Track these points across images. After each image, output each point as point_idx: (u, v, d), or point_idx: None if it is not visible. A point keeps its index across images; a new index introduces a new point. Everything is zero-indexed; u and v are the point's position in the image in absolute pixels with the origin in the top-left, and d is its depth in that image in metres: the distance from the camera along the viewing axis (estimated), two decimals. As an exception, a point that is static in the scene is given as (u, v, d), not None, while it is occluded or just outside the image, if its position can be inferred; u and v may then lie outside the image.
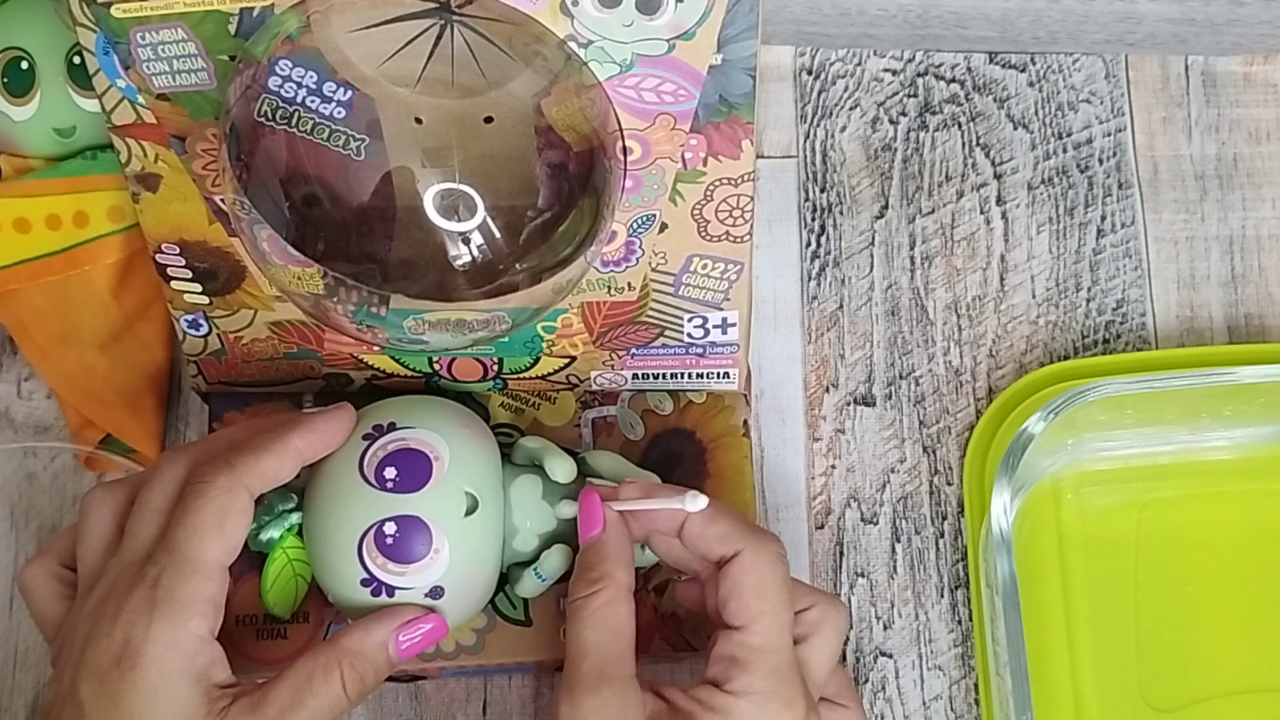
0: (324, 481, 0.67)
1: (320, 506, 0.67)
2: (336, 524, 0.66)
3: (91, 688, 0.60)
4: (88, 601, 0.63)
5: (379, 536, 0.65)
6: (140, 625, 0.60)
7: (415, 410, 0.69)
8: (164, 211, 0.70)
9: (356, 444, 0.67)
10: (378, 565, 0.65)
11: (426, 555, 0.65)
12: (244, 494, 0.63)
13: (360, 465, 0.66)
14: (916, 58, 0.87)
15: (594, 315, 0.73)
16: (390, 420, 0.67)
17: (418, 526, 0.65)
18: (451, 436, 0.67)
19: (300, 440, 0.66)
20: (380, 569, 0.65)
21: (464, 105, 0.64)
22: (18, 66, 0.75)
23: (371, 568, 0.65)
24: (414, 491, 0.65)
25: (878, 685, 0.79)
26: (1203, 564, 0.79)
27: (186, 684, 0.60)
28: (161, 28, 0.61)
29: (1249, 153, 0.86)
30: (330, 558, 0.66)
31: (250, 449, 0.64)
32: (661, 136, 0.65)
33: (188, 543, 0.62)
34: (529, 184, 0.66)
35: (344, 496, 0.66)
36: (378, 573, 0.65)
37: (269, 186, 0.64)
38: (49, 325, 0.78)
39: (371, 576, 0.65)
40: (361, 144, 0.63)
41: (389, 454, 0.66)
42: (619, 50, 0.61)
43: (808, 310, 0.84)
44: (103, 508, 0.66)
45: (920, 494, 0.81)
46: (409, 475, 0.66)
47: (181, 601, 0.61)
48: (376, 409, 0.69)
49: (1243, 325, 0.84)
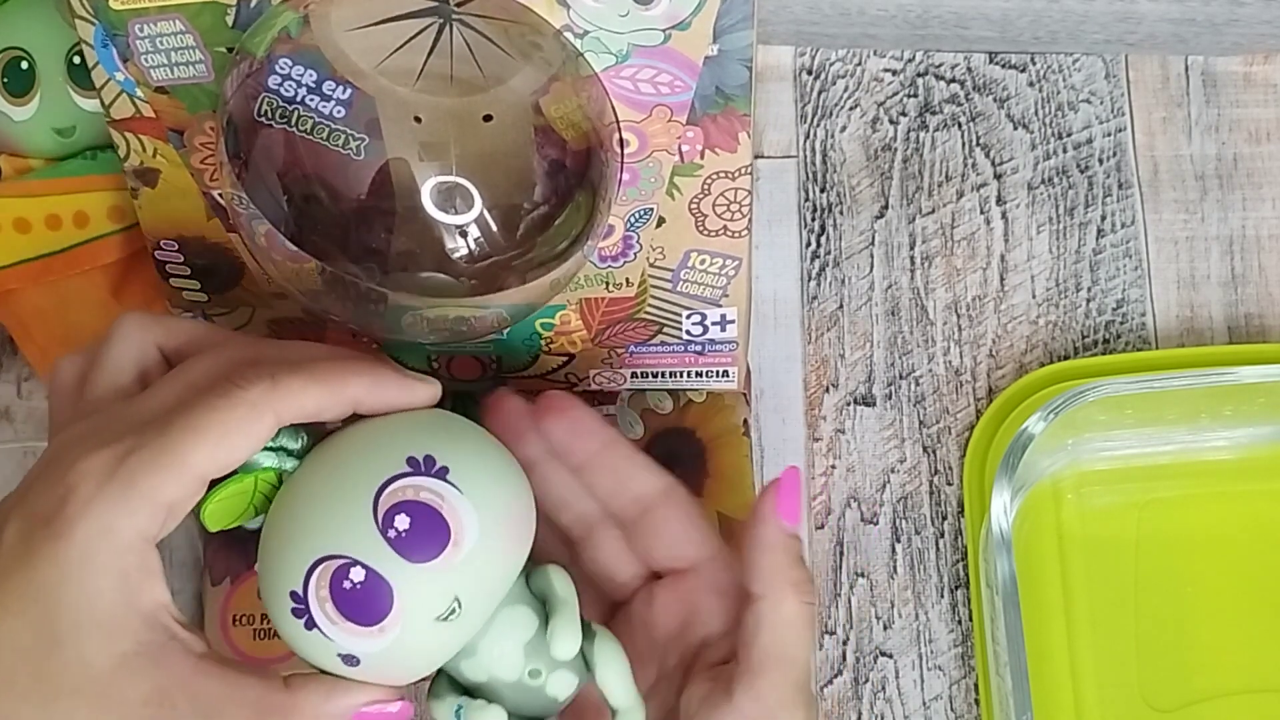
0: (330, 469, 0.57)
1: (310, 490, 0.57)
2: (308, 528, 0.56)
3: (16, 532, 0.54)
4: (70, 431, 0.57)
5: (340, 572, 0.54)
6: (85, 489, 0.53)
7: (482, 466, 0.58)
8: (163, 207, 0.70)
9: (391, 459, 0.56)
10: (319, 599, 0.54)
11: (372, 626, 0.55)
12: (269, 417, 0.55)
13: (377, 492, 0.55)
14: (916, 58, 0.87)
15: (592, 312, 0.73)
16: (444, 465, 0.56)
17: (384, 594, 0.54)
18: (490, 526, 0.56)
19: (363, 391, 0.58)
20: (319, 604, 0.55)
21: (463, 103, 0.64)
22: (18, 66, 0.75)
23: (312, 598, 0.55)
24: (407, 558, 0.55)
25: (878, 685, 0.79)
26: (1203, 564, 0.79)
27: (108, 579, 0.53)
28: (159, 19, 0.61)
29: (1249, 153, 0.86)
30: (280, 551, 0.56)
31: (302, 374, 0.56)
32: (658, 129, 0.64)
33: (181, 436, 0.54)
34: (526, 179, 0.66)
35: (338, 507, 0.56)
36: (315, 606, 0.55)
37: (267, 181, 0.64)
38: (49, 325, 0.78)
39: (305, 607, 0.55)
40: (361, 143, 0.63)
41: (414, 503, 0.55)
42: (615, 41, 0.61)
43: (808, 310, 0.84)
44: (133, 345, 0.59)
45: (920, 494, 0.81)
46: (416, 542, 0.55)
47: (139, 490, 0.53)
48: (443, 427, 0.59)
49: (1243, 325, 0.84)
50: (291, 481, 0.58)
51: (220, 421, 0.54)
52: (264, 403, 0.55)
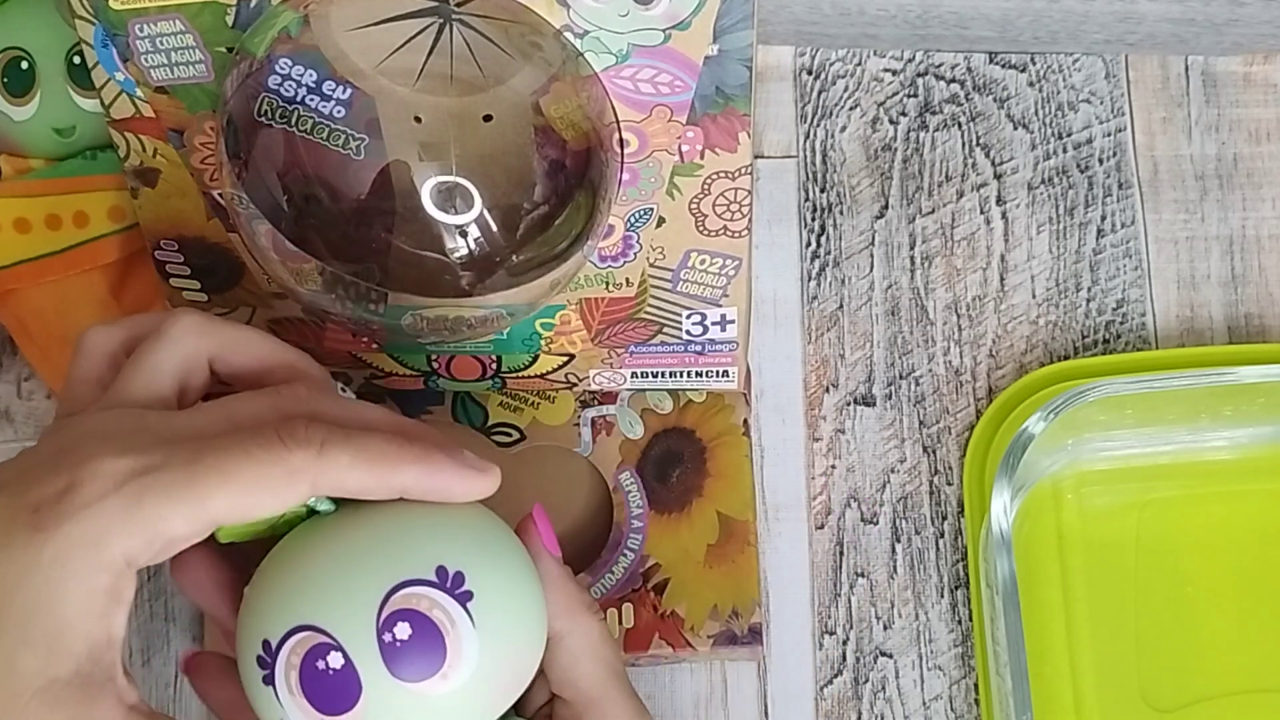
0: (358, 539, 0.54)
1: (328, 551, 0.54)
2: (308, 590, 0.53)
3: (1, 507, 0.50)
4: (89, 421, 0.54)
5: (319, 650, 0.52)
6: (89, 491, 0.50)
7: (506, 606, 0.54)
8: (162, 207, 0.70)
9: (421, 560, 0.53)
10: (287, 664, 0.52)
11: (326, 716, 0.52)
12: (304, 487, 0.52)
13: (393, 589, 0.52)
14: (916, 58, 0.87)
15: (592, 312, 0.73)
16: (470, 590, 0.53)
17: (352, 692, 0.52)
18: (486, 671, 0.53)
19: (413, 480, 0.54)
20: (285, 669, 0.52)
21: (463, 103, 0.64)
22: (18, 66, 0.75)
23: (282, 660, 0.52)
24: (390, 668, 0.52)
25: (878, 685, 0.79)
26: (1203, 564, 0.79)
27: (74, 591, 0.49)
28: (159, 19, 0.61)
29: (1249, 153, 0.86)
30: (271, 595, 0.53)
31: (351, 449, 0.53)
32: (658, 129, 0.65)
33: (207, 475, 0.50)
34: (526, 179, 0.66)
35: (347, 585, 0.52)
36: (280, 669, 0.52)
37: (267, 181, 0.65)
38: (49, 325, 0.78)
39: (271, 664, 0.52)
40: (361, 143, 0.63)
41: (422, 617, 0.52)
42: (615, 40, 0.61)
43: (808, 310, 0.84)
44: (182, 351, 0.56)
45: (920, 494, 0.81)
46: (406, 656, 0.52)
47: (145, 513, 0.50)
48: (486, 545, 0.55)
49: (1243, 325, 0.84)
50: (318, 527, 0.55)
51: (252, 474, 0.51)
52: (304, 471, 0.52)
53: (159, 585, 0.79)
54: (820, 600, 0.80)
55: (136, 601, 0.75)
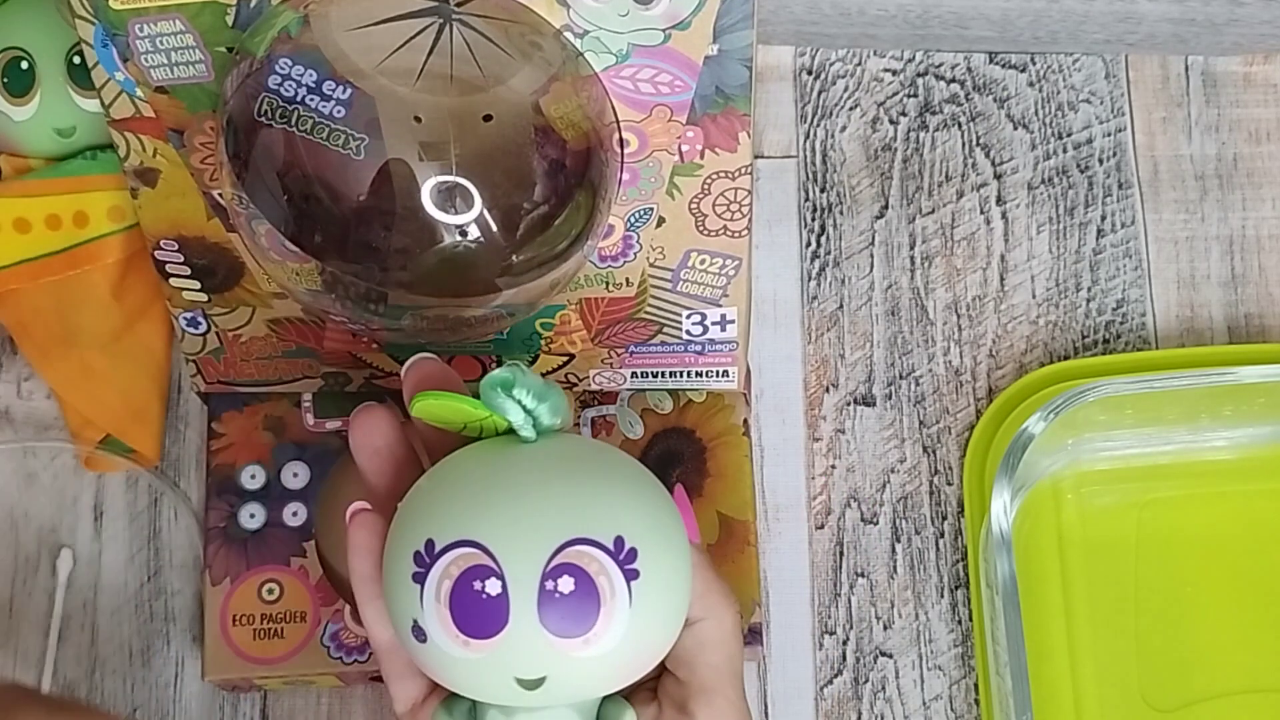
0: (552, 478, 0.55)
1: (523, 478, 0.54)
2: (490, 510, 0.53)
3: None
4: None
5: (479, 571, 0.52)
6: None
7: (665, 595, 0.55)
8: (163, 207, 0.70)
9: (608, 520, 0.53)
10: (443, 573, 0.53)
11: (462, 635, 0.52)
12: None
13: (570, 541, 0.53)
14: (916, 58, 0.87)
15: (592, 312, 0.73)
16: (638, 569, 0.53)
17: (495, 622, 0.52)
18: (623, 649, 0.54)
19: None
20: (438, 579, 0.53)
21: (463, 103, 0.64)
22: (18, 66, 0.75)
23: (439, 569, 0.53)
24: (540, 614, 0.52)
25: (878, 685, 0.79)
26: (1203, 564, 0.79)
27: None
28: (160, 19, 0.62)
29: (1249, 153, 0.86)
30: (448, 501, 0.54)
31: None
32: (658, 128, 0.65)
33: None
34: (526, 179, 0.66)
35: (530, 516, 0.53)
36: (434, 577, 0.53)
37: (267, 181, 0.64)
38: (49, 325, 0.78)
39: (426, 570, 0.53)
40: (361, 143, 0.63)
41: (588, 579, 0.52)
42: (615, 40, 0.61)
43: (808, 310, 0.84)
44: None
45: (920, 494, 0.81)
46: (558, 611, 0.52)
47: None
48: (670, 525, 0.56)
49: (1243, 325, 0.84)
50: (514, 450, 0.55)
51: None
52: None
53: (159, 585, 0.79)
54: (820, 600, 0.80)
55: (136, 601, 0.75)
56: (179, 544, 0.80)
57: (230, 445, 0.78)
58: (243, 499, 0.77)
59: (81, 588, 0.79)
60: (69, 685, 0.78)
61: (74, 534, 0.80)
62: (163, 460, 0.81)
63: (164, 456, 0.81)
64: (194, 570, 0.79)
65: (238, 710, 0.78)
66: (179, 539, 0.80)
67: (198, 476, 0.81)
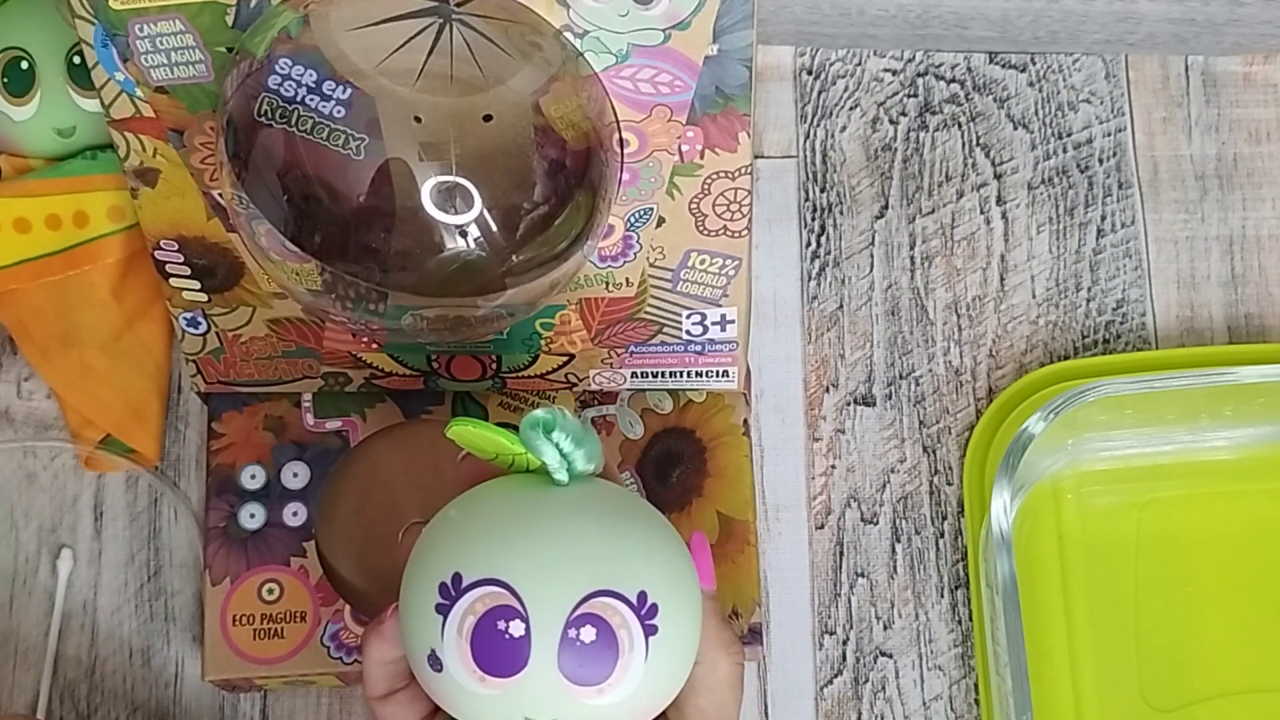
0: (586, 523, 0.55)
1: (550, 523, 0.55)
2: (523, 544, 0.54)
3: None
4: None
5: (503, 612, 0.53)
6: None
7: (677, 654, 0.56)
8: (163, 207, 0.70)
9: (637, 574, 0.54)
10: (468, 609, 0.53)
11: (478, 671, 0.53)
12: None
13: (598, 592, 0.53)
14: (916, 58, 0.87)
15: (592, 312, 0.73)
16: (657, 625, 0.54)
17: (515, 663, 0.53)
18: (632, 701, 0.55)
19: None
20: (462, 614, 0.53)
21: (463, 103, 0.64)
22: (18, 66, 0.76)
23: (464, 604, 0.53)
24: (558, 661, 0.53)
25: (878, 685, 0.79)
26: (1203, 564, 0.79)
27: None
28: (159, 19, 0.62)
29: (1249, 153, 0.86)
30: (481, 535, 0.55)
31: None
32: (658, 128, 0.65)
33: None
34: (526, 179, 0.66)
35: (560, 556, 0.54)
36: (458, 611, 0.53)
37: (267, 181, 0.64)
38: (49, 325, 0.78)
39: (451, 602, 0.54)
40: (361, 143, 0.63)
41: (609, 631, 0.53)
42: (615, 40, 0.61)
43: (808, 310, 0.84)
44: None
45: (920, 494, 0.81)
46: (575, 660, 0.53)
47: None
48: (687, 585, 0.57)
49: (1243, 325, 0.84)
50: (546, 492, 0.56)
51: None
52: None
53: (159, 585, 0.79)
54: (820, 600, 0.80)
55: (136, 601, 0.75)
56: (179, 544, 0.80)
57: (230, 445, 0.78)
58: (243, 499, 0.77)
59: (81, 588, 0.79)
60: (69, 685, 0.78)
61: (74, 534, 0.80)
62: (163, 460, 0.81)
63: (164, 456, 0.81)
64: (194, 570, 0.79)
65: (238, 710, 0.78)
66: (179, 539, 0.80)
67: (198, 476, 0.81)
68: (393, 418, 0.78)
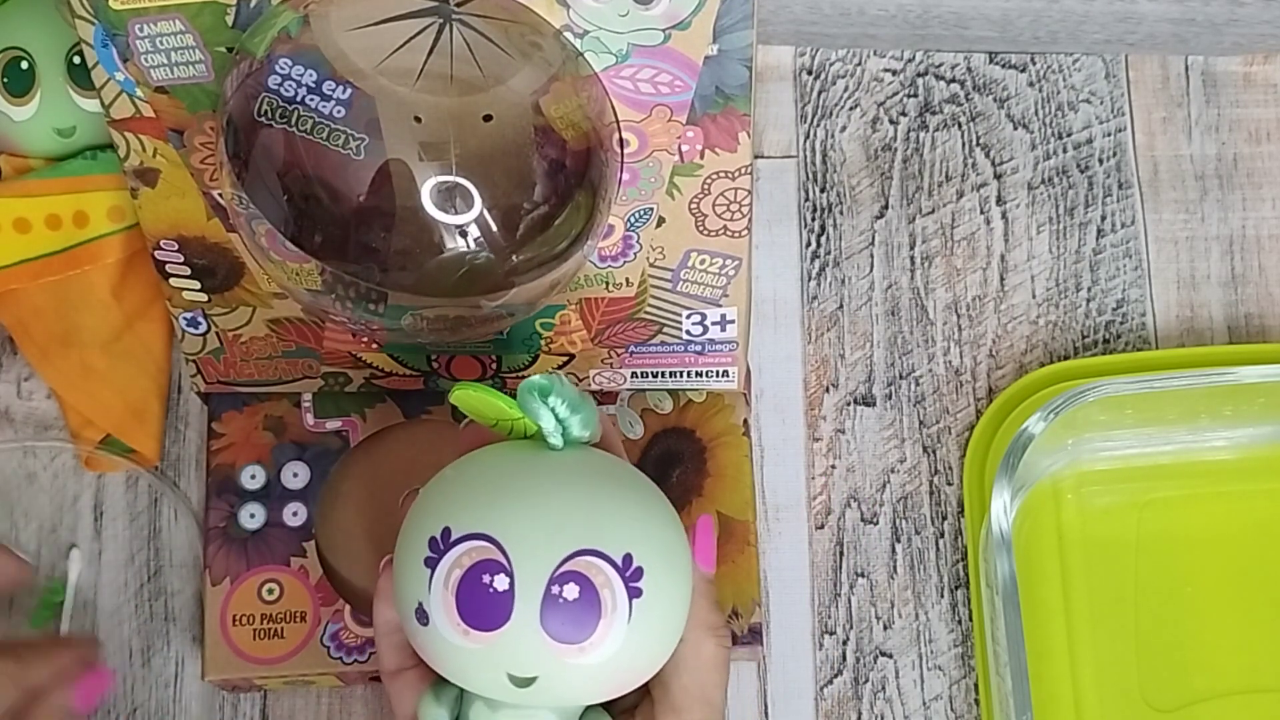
0: (576, 480, 0.57)
1: (544, 482, 0.56)
2: (511, 504, 0.55)
3: None
4: None
5: (489, 565, 0.54)
6: None
7: (665, 616, 0.57)
8: (163, 207, 0.70)
9: (621, 535, 0.55)
10: (454, 563, 0.55)
11: (463, 624, 0.54)
12: None
13: (581, 550, 0.54)
14: (916, 58, 0.87)
15: (592, 312, 0.73)
16: (641, 587, 0.55)
17: (498, 616, 0.54)
18: (614, 663, 0.56)
19: None
20: (449, 567, 0.55)
21: (463, 103, 0.64)
22: (18, 66, 0.75)
23: (451, 558, 0.55)
24: (541, 618, 0.54)
25: (878, 685, 0.79)
26: (1203, 564, 0.79)
27: None
28: (159, 19, 0.62)
29: (1249, 153, 0.86)
30: (468, 493, 0.56)
31: None
32: (658, 128, 0.65)
33: None
34: (526, 179, 0.66)
35: (546, 514, 0.55)
36: (445, 565, 0.55)
37: (267, 181, 0.64)
38: (49, 325, 0.78)
39: (438, 556, 0.55)
40: (361, 143, 0.63)
41: (593, 590, 0.54)
42: (615, 40, 0.61)
43: (808, 310, 0.84)
44: None
45: (920, 494, 0.81)
46: (558, 617, 0.54)
47: None
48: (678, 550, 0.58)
49: (1243, 325, 0.84)
50: (539, 455, 0.58)
51: None
52: None
53: (159, 585, 0.79)
54: (820, 600, 0.80)
55: (136, 601, 0.75)
56: (179, 544, 0.80)
57: (230, 445, 0.78)
58: (243, 499, 0.77)
59: (81, 588, 0.79)
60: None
61: (74, 534, 0.80)
62: (163, 460, 0.81)
63: (164, 456, 0.81)
64: (194, 570, 0.79)
65: (238, 710, 0.78)
66: (179, 539, 0.80)
67: (198, 476, 0.81)
68: (393, 418, 0.78)
